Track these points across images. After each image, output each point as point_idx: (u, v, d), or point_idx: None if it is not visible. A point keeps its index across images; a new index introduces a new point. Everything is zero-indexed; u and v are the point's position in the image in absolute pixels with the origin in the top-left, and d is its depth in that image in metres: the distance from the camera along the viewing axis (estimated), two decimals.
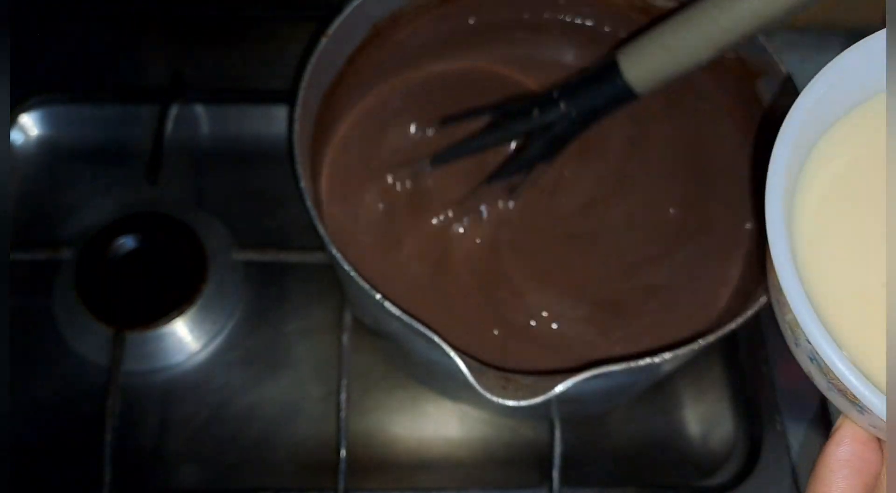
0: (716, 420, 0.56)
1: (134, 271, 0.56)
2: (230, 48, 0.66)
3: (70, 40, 0.65)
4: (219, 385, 0.55)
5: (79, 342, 0.55)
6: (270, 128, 0.63)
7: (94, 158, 0.62)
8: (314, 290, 0.58)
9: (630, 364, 0.38)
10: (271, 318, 0.57)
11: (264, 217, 0.60)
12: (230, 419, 0.54)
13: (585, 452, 0.54)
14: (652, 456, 0.55)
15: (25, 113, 0.62)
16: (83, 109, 0.63)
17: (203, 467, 0.54)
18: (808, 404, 0.55)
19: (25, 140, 0.62)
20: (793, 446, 0.54)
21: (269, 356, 0.56)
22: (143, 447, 0.54)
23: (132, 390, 0.54)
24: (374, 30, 0.49)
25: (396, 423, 0.55)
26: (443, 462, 0.54)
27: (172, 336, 0.55)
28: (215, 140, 0.63)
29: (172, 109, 0.61)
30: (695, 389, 0.57)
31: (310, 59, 0.44)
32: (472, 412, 0.55)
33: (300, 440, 0.54)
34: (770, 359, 0.56)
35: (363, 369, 0.56)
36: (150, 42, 0.66)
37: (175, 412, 0.55)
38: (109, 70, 0.65)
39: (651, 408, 0.56)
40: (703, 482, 0.54)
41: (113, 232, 0.57)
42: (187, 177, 0.62)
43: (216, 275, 0.57)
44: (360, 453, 0.53)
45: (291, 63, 0.60)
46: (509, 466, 0.54)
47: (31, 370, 0.55)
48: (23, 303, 0.56)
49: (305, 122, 0.45)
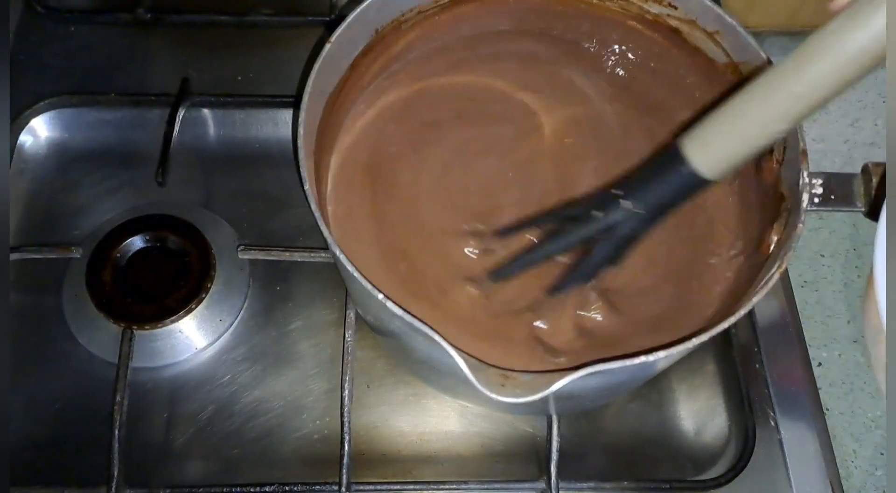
0: (710, 416, 0.57)
1: (142, 270, 0.57)
2: (237, 53, 0.67)
3: (80, 45, 0.67)
4: (225, 382, 0.56)
5: (88, 340, 0.56)
6: (276, 131, 0.64)
7: (103, 160, 0.63)
8: (318, 289, 0.59)
9: (625, 362, 0.38)
10: (276, 316, 0.58)
11: (270, 218, 0.61)
12: (236, 415, 0.55)
13: (582, 447, 0.55)
14: (647, 451, 0.55)
15: (36, 116, 0.63)
16: (93, 112, 0.64)
17: (209, 461, 0.54)
18: (801, 400, 0.56)
19: (36, 142, 0.63)
20: (786, 440, 0.54)
21: (274, 353, 0.57)
22: (151, 441, 0.54)
23: (140, 386, 0.55)
24: (376, 36, 0.50)
25: (398, 418, 0.55)
26: (443, 456, 0.54)
27: (180, 334, 0.56)
28: (222, 143, 0.64)
29: (180, 112, 0.62)
30: (689, 385, 0.57)
31: (314, 64, 0.45)
32: (471, 407, 0.56)
33: (304, 435, 0.55)
34: (763, 355, 0.57)
35: (366, 366, 0.56)
36: (159, 47, 0.67)
37: (182, 408, 0.55)
38: (119, 74, 0.66)
39: (646, 404, 0.56)
40: (697, 477, 0.54)
41: (122, 232, 0.58)
42: (195, 179, 0.63)
43: (223, 274, 0.58)
44: (362, 447, 0.54)
45: (296, 68, 0.61)
46: (508, 460, 0.54)
47: (42, 367, 0.56)
48: (33, 301, 0.58)
49: (310, 125, 0.45)
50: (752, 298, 0.41)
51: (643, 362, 0.39)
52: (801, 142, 0.44)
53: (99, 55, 0.66)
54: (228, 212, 0.61)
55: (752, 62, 0.48)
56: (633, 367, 0.39)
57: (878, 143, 0.70)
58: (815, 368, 0.58)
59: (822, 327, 0.64)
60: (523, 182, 0.53)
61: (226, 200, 0.62)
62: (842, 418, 0.61)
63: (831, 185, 0.49)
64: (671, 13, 0.51)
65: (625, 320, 0.48)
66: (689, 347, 0.40)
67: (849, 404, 0.61)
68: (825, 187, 0.49)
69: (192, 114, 0.63)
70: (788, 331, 0.58)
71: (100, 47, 0.67)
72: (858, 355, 0.69)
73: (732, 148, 0.39)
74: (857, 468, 0.61)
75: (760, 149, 0.39)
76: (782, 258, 0.42)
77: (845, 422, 0.61)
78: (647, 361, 0.39)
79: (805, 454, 0.54)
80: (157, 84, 0.65)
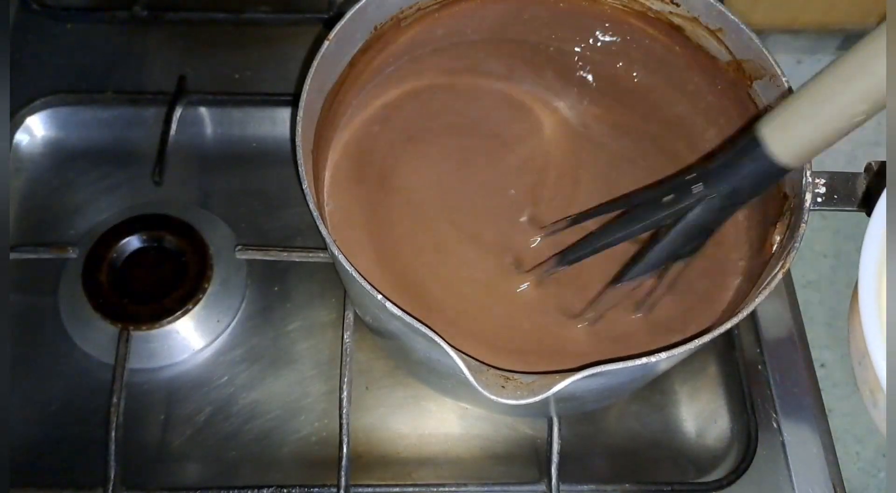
0: (712, 417, 0.56)
1: (139, 270, 0.57)
2: (234, 51, 0.66)
3: (76, 43, 0.66)
4: (222, 383, 0.56)
5: (85, 340, 0.56)
6: (274, 130, 0.64)
7: (99, 159, 0.63)
8: (316, 289, 0.59)
9: (626, 363, 0.38)
10: (274, 316, 0.58)
11: (268, 218, 0.61)
12: (234, 416, 0.55)
13: (583, 449, 0.55)
14: (649, 453, 0.55)
15: (32, 115, 0.63)
16: (89, 111, 0.63)
17: (207, 463, 0.54)
18: (803, 401, 0.56)
19: (32, 141, 0.63)
20: (788, 442, 0.54)
21: (272, 354, 0.57)
22: (148, 443, 0.54)
23: (137, 387, 0.55)
24: (375, 33, 0.50)
25: (397, 420, 0.55)
26: (443, 459, 0.54)
27: (177, 334, 0.56)
28: (219, 142, 0.64)
29: (177, 111, 0.61)
30: (691, 386, 0.57)
31: (313, 62, 0.45)
32: (471, 409, 0.56)
33: (303, 437, 0.54)
34: (766, 357, 0.56)
35: (365, 367, 0.56)
36: (156, 45, 0.67)
37: (179, 409, 0.55)
38: (115, 73, 0.65)
39: (648, 405, 0.56)
40: (699, 479, 0.54)
41: (119, 232, 0.57)
42: (192, 178, 0.62)
43: (220, 274, 0.57)
44: (361, 449, 0.54)
45: (294, 66, 0.61)
46: (508, 462, 0.54)
47: (38, 368, 0.56)
48: (30, 301, 0.57)
49: (308, 124, 0.45)
50: (754, 298, 0.41)
51: (645, 363, 0.38)
52: None
53: (95, 53, 0.66)
54: (226, 211, 0.60)
55: (754, 60, 0.47)
56: (635, 368, 0.39)
57: (881, 142, 0.70)
58: (818, 369, 0.58)
59: (824, 327, 0.64)
60: (523, 182, 0.52)
61: (223, 200, 0.61)
62: (845, 419, 0.61)
63: (834, 184, 0.49)
64: (673, 10, 0.51)
65: (642, 320, 0.48)
66: (690, 348, 0.39)
67: (852, 405, 0.61)
68: (828, 187, 0.49)
69: (189, 112, 0.63)
70: (791, 332, 0.58)
71: (96, 45, 0.66)
72: None
73: (813, 133, 0.37)
74: (859, 470, 0.61)
75: (842, 134, 0.36)
76: (785, 258, 0.42)
77: (848, 424, 0.61)
78: (648, 362, 0.39)
79: (807, 456, 0.54)
80: (154, 82, 0.64)
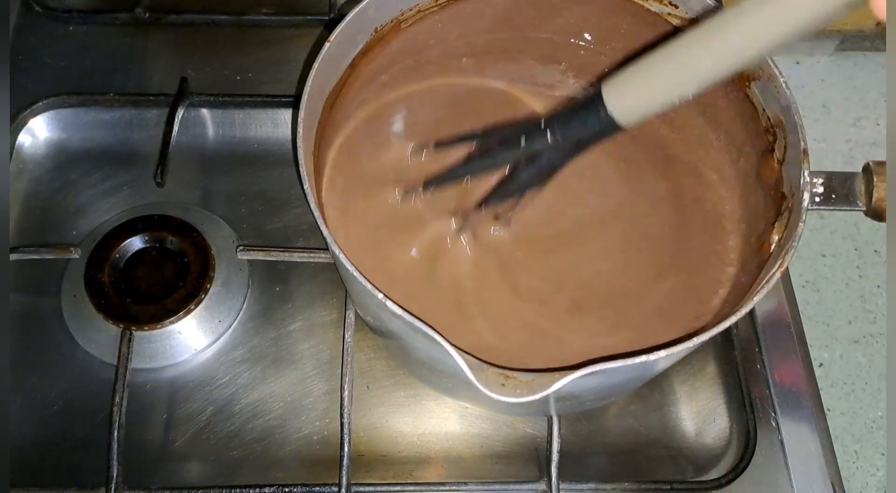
0: (711, 416, 0.57)
1: (141, 271, 0.57)
2: (235, 53, 0.67)
3: (78, 45, 0.67)
4: (224, 383, 0.56)
5: (87, 341, 0.56)
6: (275, 131, 0.64)
7: (102, 160, 0.63)
8: (317, 289, 0.59)
9: (626, 362, 0.38)
10: (276, 317, 0.58)
11: (269, 218, 0.61)
12: (235, 416, 0.55)
13: (583, 447, 0.55)
14: (648, 452, 0.55)
15: (35, 116, 0.63)
16: (91, 112, 0.64)
17: (208, 462, 0.54)
18: (802, 401, 0.56)
19: (35, 143, 0.63)
20: (787, 441, 0.54)
21: (274, 354, 0.57)
22: (150, 443, 0.54)
23: (139, 387, 0.55)
24: (376, 35, 0.50)
25: (398, 419, 0.55)
26: (443, 457, 0.54)
27: (179, 335, 0.56)
28: (221, 143, 0.64)
29: (179, 112, 0.62)
30: (690, 385, 0.57)
31: (314, 63, 0.45)
32: (471, 408, 0.56)
33: (304, 436, 0.55)
34: (764, 356, 0.57)
35: (366, 367, 0.56)
36: (158, 47, 0.67)
37: (181, 409, 0.55)
38: (117, 74, 0.65)
39: (647, 404, 0.56)
40: (698, 478, 0.54)
41: (121, 233, 0.58)
42: (194, 179, 0.63)
43: (222, 275, 0.58)
44: (362, 448, 0.54)
45: (296, 68, 0.61)
46: (508, 461, 0.54)
47: (41, 368, 0.56)
48: (33, 302, 0.58)
49: (309, 125, 0.45)
50: (752, 297, 0.41)
51: (643, 361, 0.39)
52: (802, 141, 0.44)
53: (97, 55, 0.66)
54: (227, 212, 0.61)
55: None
56: (634, 366, 0.39)
57: (879, 142, 0.70)
58: (817, 368, 0.58)
59: (823, 327, 0.64)
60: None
61: (225, 201, 0.62)
62: (843, 418, 0.61)
63: (832, 184, 0.49)
64: (672, 12, 0.51)
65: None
66: (689, 346, 0.40)
67: (850, 404, 0.61)
68: (826, 186, 0.49)
69: (190, 114, 0.63)
70: (789, 331, 0.58)
71: (98, 47, 0.67)
72: (860, 355, 0.69)
73: (646, 102, 0.41)
74: (858, 469, 0.61)
75: (669, 106, 0.41)
76: (783, 258, 0.42)
77: (846, 423, 0.61)
78: (647, 360, 0.39)
79: (806, 455, 0.54)
80: (156, 84, 0.65)
